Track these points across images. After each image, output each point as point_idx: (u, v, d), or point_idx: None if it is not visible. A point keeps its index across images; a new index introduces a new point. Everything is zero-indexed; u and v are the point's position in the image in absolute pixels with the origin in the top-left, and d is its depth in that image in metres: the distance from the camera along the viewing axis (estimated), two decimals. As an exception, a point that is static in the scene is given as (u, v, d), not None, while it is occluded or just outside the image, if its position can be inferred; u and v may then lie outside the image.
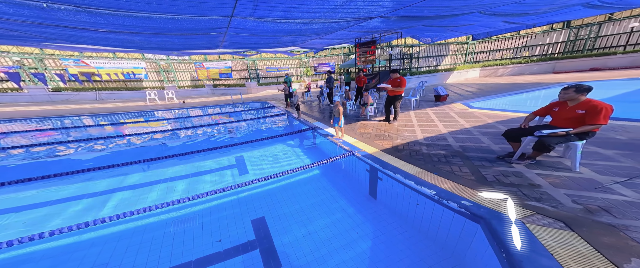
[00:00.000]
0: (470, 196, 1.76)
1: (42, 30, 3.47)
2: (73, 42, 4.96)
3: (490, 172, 2.14)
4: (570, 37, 11.97)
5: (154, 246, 1.94)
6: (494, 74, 13.33)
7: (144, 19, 3.02)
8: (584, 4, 4.86)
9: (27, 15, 2.70)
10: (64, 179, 3.10)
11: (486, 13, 4.75)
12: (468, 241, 1.58)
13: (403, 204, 2.15)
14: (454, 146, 2.96)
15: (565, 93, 2.05)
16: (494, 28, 7.95)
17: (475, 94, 7.73)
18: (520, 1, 3.79)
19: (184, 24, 3.42)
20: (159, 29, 3.62)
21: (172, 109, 9.30)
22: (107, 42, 4.72)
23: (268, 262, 1.71)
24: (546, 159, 2.30)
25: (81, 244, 1.99)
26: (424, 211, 1.93)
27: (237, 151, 4.10)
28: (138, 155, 3.86)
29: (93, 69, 11.37)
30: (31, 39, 4.47)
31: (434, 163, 2.51)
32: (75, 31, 3.51)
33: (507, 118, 4.14)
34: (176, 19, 3.13)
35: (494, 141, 2.97)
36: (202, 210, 2.40)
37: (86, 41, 4.71)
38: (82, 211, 2.50)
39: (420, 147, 3.08)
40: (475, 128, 3.70)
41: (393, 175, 2.41)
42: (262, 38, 5.76)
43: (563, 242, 1.21)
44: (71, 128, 6.37)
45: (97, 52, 10.31)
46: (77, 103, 10.63)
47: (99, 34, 3.74)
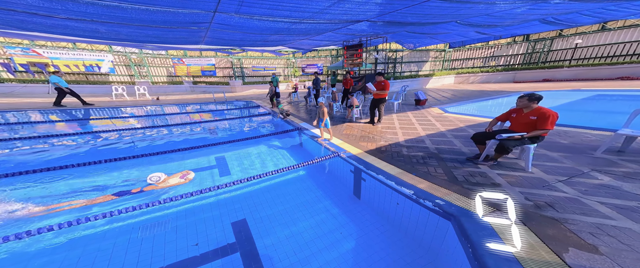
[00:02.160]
0: (443, 195, 1.91)
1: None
2: (22, 29, 4.27)
3: (460, 172, 2.35)
4: (528, 50, 13.65)
5: (116, 253, 1.76)
6: (466, 81, 14.61)
7: (113, 8, 2.72)
8: (540, 20, 5.62)
9: None
10: (14, 179, 2.64)
11: (461, 23, 5.22)
12: (441, 237, 1.71)
13: (385, 204, 2.25)
14: (430, 148, 3.18)
15: (520, 101, 2.37)
16: (467, 38, 8.72)
17: (450, 99, 8.39)
18: (489, 14, 4.25)
19: (160, 16, 3.16)
20: (130, 19, 3.29)
21: (143, 106, 8.51)
22: (64, 30, 4.15)
23: (249, 265, 1.67)
24: (505, 160, 2.60)
25: (27, 253, 1.73)
26: (404, 211, 2.04)
27: (218, 151, 3.91)
28: (99, 155, 3.47)
29: (46, 60, 9.88)
30: None
31: (413, 164, 2.67)
32: (24, 16, 3.02)
33: (476, 122, 4.57)
34: (151, 10, 2.87)
35: (464, 144, 3.26)
36: (176, 213, 2.25)
37: (38, 28, 4.09)
38: (26, 217, 2.16)
39: (401, 149, 3.25)
40: (449, 131, 4.02)
41: (376, 175, 2.51)
42: (248, 35, 5.57)
43: (516, 235, 1.39)
44: (15, 123, 5.46)
45: (52, 41, 8.99)
46: (23, 96, 9.15)
47: (55, 20, 3.27)
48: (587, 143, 3.04)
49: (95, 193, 2.62)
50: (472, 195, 1.88)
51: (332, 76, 13.55)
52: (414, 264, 1.63)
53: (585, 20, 5.95)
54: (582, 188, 1.95)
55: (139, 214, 2.17)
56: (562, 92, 8.69)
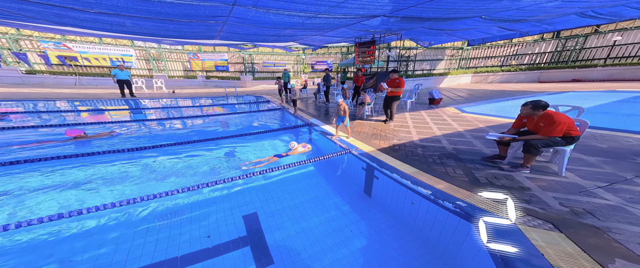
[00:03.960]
0: (464, 197, 1.80)
1: (22, 6, 3.15)
2: (57, 23, 4.56)
3: (482, 174, 2.20)
4: (558, 48, 12.59)
5: (136, 241, 1.83)
6: (484, 81, 13.81)
7: (141, 1, 2.82)
8: (578, 14, 5.09)
9: None
10: (40, 165, 2.86)
11: (486, 18, 4.85)
12: (460, 240, 1.61)
13: (398, 203, 2.17)
14: (447, 148, 3.03)
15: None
16: (489, 34, 8.19)
17: (467, 99, 7.97)
18: (520, 8, 3.89)
19: (182, 9, 3.22)
20: (154, 12, 3.40)
21: (160, 98, 8.89)
22: (94, 25, 4.38)
23: (259, 259, 1.67)
24: (535, 163, 2.40)
25: (52, 238, 1.84)
26: (419, 211, 1.95)
27: (229, 144, 3.98)
28: (120, 144, 3.65)
29: (75, 54, 10.61)
30: (8, 16, 4.06)
31: (429, 164, 2.55)
32: (60, 10, 3.21)
33: (497, 123, 4.29)
34: (175, 3, 2.94)
35: (485, 145, 3.06)
36: (191, 203, 2.30)
37: (71, 23, 4.35)
38: (51, 203, 2.30)
39: (415, 148, 3.12)
40: (467, 131, 3.81)
41: (390, 174, 2.43)
42: (263, 30, 5.58)
43: (552, 242, 1.26)
44: (44, 112, 5.91)
45: (81, 36, 9.61)
46: (53, 87, 9.89)
47: (88, 14, 3.44)
48: (628, 148, 2.75)
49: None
50: (498, 198, 1.75)
51: (342, 73, 13.39)
52: (428, 265, 1.55)
53: (631, 14, 5.32)
54: (627, 195, 1.76)
55: (158, 202, 2.24)
56: (595, 93, 7.96)
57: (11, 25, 6.44)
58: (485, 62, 14.72)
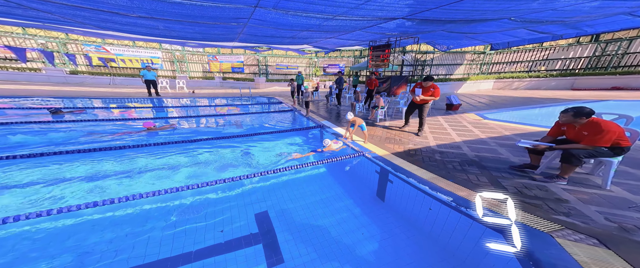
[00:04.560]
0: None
1: (77, 12, 3.58)
2: (101, 28, 5.11)
3: (511, 183, 2.04)
4: (596, 53, 11.45)
5: (153, 234, 1.91)
6: (509, 87, 12.92)
7: (176, 5, 3.06)
8: (627, 14, 4.54)
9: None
10: (63, 158, 3.08)
11: (516, 20, 4.53)
12: (484, 251, 1.49)
13: (414, 208, 2.07)
14: (469, 155, 2.86)
15: (564, 116, 1.97)
16: (517, 37, 7.69)
17: (489, 105, 7.51)
18: (555, 8, 3.56)
19: (209, 11, 3.44)
20: (184, 15, 3.67)
21: (182, 97, 9.49)
22: (133, 28, 4.84)
23: (270, 257, 1.67)
24: (572, 175, 2.17)
25: (72, 228, 1.94)
26: (437, 217, 1.85)
27: (243, 143, 4.10)
28: (144, 139, 3.92)
29: (112, 56, 11.78)
30: (62, 22, 4.62)
31: (448, 170, 2.42)
32: (107, 15, 3.59)
33: (525, 131, 3.97)
34: (205, 6, 3.15)
35: (513, 153, 2.84)
36: (206, 200, 2.37)
37: (114, 27, 4.84)
38: (72, 194, 2.40)
39: (433, 153, 2.99)
40: (491, 138, 3.57)
41: (406, 178, 2.35)
42: (280, 31, 5.76)
43: (598, 258, 1.12)
44: (82, 108, 6.55)
45: (117, 39, 10.68)
46: (91, 85, 11.00)
47: (130, 19, 3.82)
48: (687, 165, 2.38)
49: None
50: (531, 210, 1.60)
51: (354, 76, 13.32)
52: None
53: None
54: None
55: (176, 197, 2.34)
56: (638, 102, 7.08)
57: (62, 30, 7.33)
58: (510, 67, 13.81)
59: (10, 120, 4.50)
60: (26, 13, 3.95)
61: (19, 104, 6.28)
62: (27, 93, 7.65)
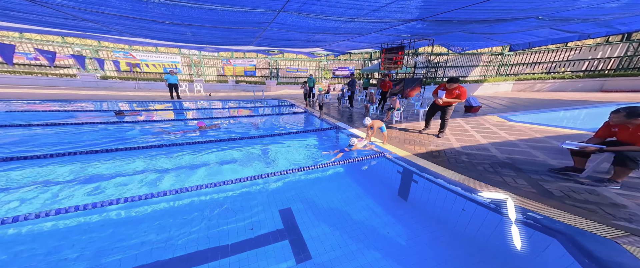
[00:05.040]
0: (537, 209, 1.57)
1: (121, 21, 3.88)
2: (136, 35, 5.51)
3: (554, 187, 1.91)
4: (629, 52, 10.64)
5: (192, 226, 1.97)
6: (530, 89, 12.27)
7: (210, 11, 3.24)
8: None
9: (118, 6, 3.01)
10: (100, 156, 3.28)
11: (544, 18, 4.30)
12: (533, 254, 1.39)
13: (443, 209, 2.00)
14: (499, 157, 2.73)
15: (615, 117, 1.84)
16: (540, 37, 7.34)
17: (510, 107, 7.16)
18: (590, 5, 3.32)
19: (237, 16, 3.60)
20: (213, 21, 3.87)
21: (202, 100, 9.91)
22: (164, 34, 5.16)
23: (298, 254, 1.68)
24: (626, 179, 1.99)
25: (114, 221, 2.02)
26: (472, 219, 1.76)
27: (262, 143, 4.18)
28: (170, 139, 4.13)
29: (138, 61, 12.65)
30: (104, 30, 5.04)
31: (479, 171, 2.32)
32: (147, 23, 3.87)
33: (558, 133, 3.73)
34: (235, 11, 3.31)
35: (550, 156, 2.67)
36: (233, 196, 2.42)
37: (149, 34, 5.20)
38: (113, 189, 2.55)
39: (458, 155, 2.89)
40: (521, 141, 3.39)
41: (433, 179, 2.28)
42: (296, 35, 5.89)
43: None
44: (137, 110, 6.98)
45: (142, 46, 11.47)
46: (119, 90, 11.81)
47: (165, 26, 4.09)
48: None
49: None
50: (586, 214, 1.48)
51: (364, 79, 13.27)
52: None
53: None
54: None
55: (210, 192, 2.42)
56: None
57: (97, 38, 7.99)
58: (531, 68, 13.16)
59: (84, 121, 5.14)
60: (76, 24, 4.35)
61: (85, 108, 6.96)
62: (71, 98, 8.39)
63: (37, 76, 11.00)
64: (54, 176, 2.70)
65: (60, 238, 1.77)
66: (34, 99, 7.64)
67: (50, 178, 2.64)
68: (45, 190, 2.41)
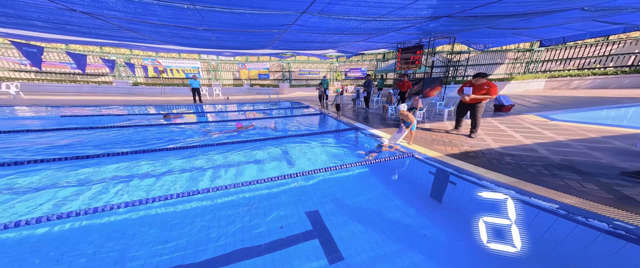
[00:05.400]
0: (624, 218, 1.33)
1: (159, 29, 4.17)
2: (167, 43, 5.90)
3: (636, 192, 1.62)
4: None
5: (230, 222, 1.98)
6: (566, 86, 11.14)
7: (239, 15, 3.36)
8: None
9: (162, 14, 3.21)
10: (136, 157, 3.43)
11: (590, 9, 3.83)
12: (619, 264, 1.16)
13: (493, 212, 1.78)
14: (553, 158, 2.43)
15: None
16: (580, 30, 6.66)
17: (547, 106, 6.52)
18: None
19: (261, 19, 3.69)
20: (239, 25, 3.99)
21: (221, 103, 10.34)
22: (191, 41, 5.46)
23: (330, 253, 1.62)
24: None
25: (159, 216, 2.09)
26: (531, 225, 1.54)
27: (282, 144, 4.16)
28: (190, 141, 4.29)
29: (164, 67, 13.63)
30: (136, 39, 5.46)
31: (531, 174, 2.08)
32: (180, 30, 4.10)
33: (618, 133, 3.27)
34: (262, 14, 3.39)
35: (617, 158, 2.32)
36: (259, 196, 2.40)
37: (178, 41, 5.53)
38: (157, 187, 2.66)
39: (500, 156, 2.63)
40: (575, 141, 3.01)
41: (478, 181, 2.09)
42: (313, 36, 5.90)
43: None
44: (143, 114, 7.52)
45: (167, 52, 12.33)
46: (148, 95, 12.77)
47: (196, 32, 4.32)
48: None
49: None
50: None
51: (379, 79, 12.99)
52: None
53: None
54: None
55: (242, 191, 2.43)
56: None
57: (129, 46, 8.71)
58: (565, 64, 12.00)
59: (138, 123, 5.61)
60: (119, 34, 4.76)
61: (140, 111, 7.68)
62: (112, 103, 9.22)
63: (80, 84, 12.24)
64: (114, 173, 2.90)
65: (112, 231, 1.86)
66: (91, 105, 8.49)
67: (107, 176, 2.84)
68: (108, 185, 2.60)
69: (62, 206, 2.19)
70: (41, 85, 11.36)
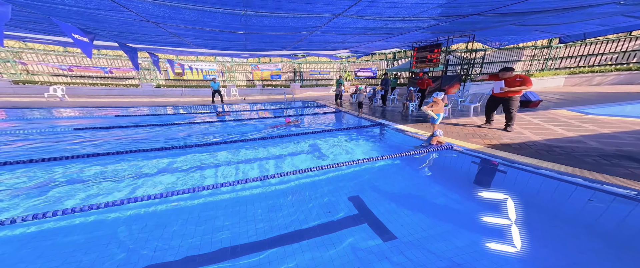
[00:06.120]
0: None
1: (199, 33, 4.36)
2: (199, 46, 6.14)
3: None
4: None
5: (286, 207, 2.09)
6: (587, 83, 10.84)
7: (280, 19, 3.49)
8: None
9: (218, 21, 3.35)
10: (190, 150, 3.62)
11: (626, 3, 3.79)
12: None
13: (553, 201, 1.83)
14: (606, 150, 2.45)
15: None
16: (605, 26, 6.52)
17: (574, 101, 6.40)
18: None
19: (298, 22, 3.80)
20: (275, 28, 4.10)
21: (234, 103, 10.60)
22: (221, 43, 5.66)
23: (382, 234, 1.69)
24: None
25: (227, 202, 2.22)
26: (605, 211, 1.57)
27: (305, 139, 4.24)
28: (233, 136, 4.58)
29: (182, 70, 14.12)
30: (177, 43, 5.71)
31: (590, 164, 2.11)
32: (216, 33, 4.28)
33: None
34: (302, 17, 3.51)
35: None
36: (303, 184, 2.49)
37: (211, 44, 5.75)
38: (227, 173, 2.86)
39: (548, 148, 2.66)
40: (623, 133, 3.00)
41: (535, 170, 2.13)
42: (336, 36, 6.01)
43: None
44: (228, 111, 7.90)
45: (186, 55, 12.77)
46: (170, 96, 13.34)
47: (230, 35, 4.49)
48: None
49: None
50: None
51: (392, 78, 12.99)
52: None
53: None
54: None
55: (287, 181, 2.55)
56: None
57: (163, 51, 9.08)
58: (586, 61, 11.68)
59: (194, 121, 6.07)
60: (165, 39, 5.00)
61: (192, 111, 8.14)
62: (143, 104, 9.63)
63: (111, 87, 12.86)
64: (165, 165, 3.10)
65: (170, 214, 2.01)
66: (127, 106, 8.94)
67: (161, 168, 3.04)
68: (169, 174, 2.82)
69: (169, 187, 2.45)
70: (78, 88, 11.98)
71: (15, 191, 2.37)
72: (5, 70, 10.86)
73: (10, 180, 2.60)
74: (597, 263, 1.33)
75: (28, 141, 4.00)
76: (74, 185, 2.52)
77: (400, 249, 1.50)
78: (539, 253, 1.41)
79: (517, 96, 3.66)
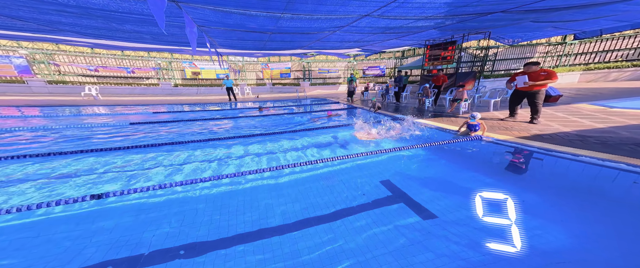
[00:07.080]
0: None
1: (230, 35, 4.53)
2: (224, 46, 6.31)
3: None
4: None
5: (320, 192, 2.16)
6: (603, 79, 10.71)
7: (312, 20, 3.60)
8: None
9: (258, 24, 3.49)
10: (212, 144, 3.66)
11: None
12: None
13: (601, 185, 1.92)
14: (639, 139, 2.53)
15: None
16: (623, 21, 6.50)
17: (594, 97, 6.40)
18: None
19: (327, 23, 3.85)
20: (305, 28, 4.19)
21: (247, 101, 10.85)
22: (245, 43, 5.81)
23: (420, 212, 1.74)
24: None
25: (270, 187, 2.28)
26: None
27: (339, 131, 4.47)
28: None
29: (198, 70, 14.51)
30: (200, 44, 5.92)
31: (627, 151, 2.22)
32: (246, 34, 4.44)
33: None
34: (331, 18, 3.61)
35: None
36: (334, 171, 2.60)
37: (237, 44, 5.92)
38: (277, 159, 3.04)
39: (581, 138, 2.78)
40: None
41: (574, 157, 2.25)
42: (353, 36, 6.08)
43: None
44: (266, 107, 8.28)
45: (200, 55, 13.10)
46: (186, 95, 13.73)
47: (259, 35, 4.64)
48: None
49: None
50: None
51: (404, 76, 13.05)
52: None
53: None
54: None
55: (319, 167, 2.70)
56: None
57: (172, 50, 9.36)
58: (601, 57, 11.53)
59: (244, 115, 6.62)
60: (199, 41, 5.17)
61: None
62: (164, 102, 9.98)
63: (133, 86, 13.35)
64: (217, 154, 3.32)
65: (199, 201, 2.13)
66: (156, 103, 9.32)
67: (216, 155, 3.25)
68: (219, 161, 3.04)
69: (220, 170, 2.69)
70: (104, 87, 12.48)
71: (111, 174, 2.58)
72: (40, 71, 11.41)
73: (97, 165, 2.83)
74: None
75: (97, 134, 4.40)
76: (156, 168, 2.78)
77: (442, 226, 1.54)
78: (593, 229, 1.50)
79: (543, 89, 3.76)
